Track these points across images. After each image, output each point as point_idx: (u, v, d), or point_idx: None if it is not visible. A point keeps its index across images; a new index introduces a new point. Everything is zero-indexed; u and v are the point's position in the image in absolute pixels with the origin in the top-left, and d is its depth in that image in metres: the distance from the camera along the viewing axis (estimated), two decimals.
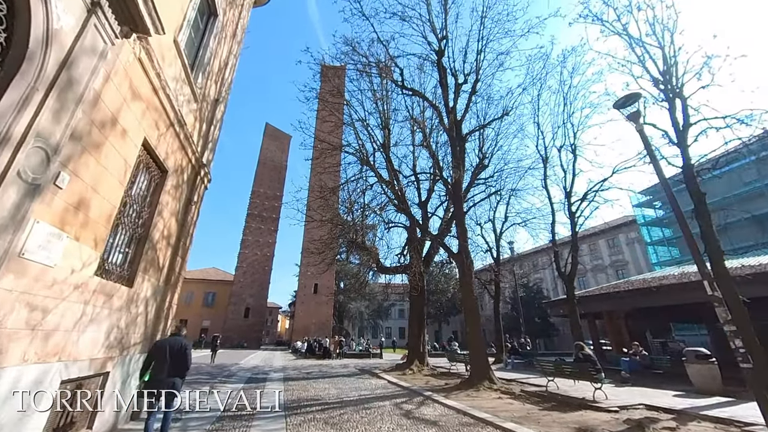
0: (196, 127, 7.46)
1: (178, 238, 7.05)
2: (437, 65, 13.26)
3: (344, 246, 20.47)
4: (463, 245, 10.93)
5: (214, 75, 8.41)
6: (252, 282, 48.17)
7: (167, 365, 4.49)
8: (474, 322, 10.16)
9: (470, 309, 10.23)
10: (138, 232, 5.60)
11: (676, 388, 8.83)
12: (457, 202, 11.55)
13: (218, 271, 54.17)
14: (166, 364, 4.49)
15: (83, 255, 3.98)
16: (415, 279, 14.48)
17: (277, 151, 57.04)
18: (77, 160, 3.69)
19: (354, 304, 47.23)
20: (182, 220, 7.20)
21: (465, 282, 10.49)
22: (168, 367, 4.49)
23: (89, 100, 3.76)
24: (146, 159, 5.54)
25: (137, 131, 4.93)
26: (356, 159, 15.61)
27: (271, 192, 53.92)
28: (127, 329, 5.39)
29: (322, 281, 42.56)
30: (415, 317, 14.85)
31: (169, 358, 4.52)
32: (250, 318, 46.70)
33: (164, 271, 6.59)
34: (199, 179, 7.81)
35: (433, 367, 13.90)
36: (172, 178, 6.45)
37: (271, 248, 51.44)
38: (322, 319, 41.01)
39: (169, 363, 4.50)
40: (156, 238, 6.08)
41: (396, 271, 16.44)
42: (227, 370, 14.44)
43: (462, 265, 10.53)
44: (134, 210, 5.44)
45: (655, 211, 31.75)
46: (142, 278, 5.72)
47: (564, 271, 13.93)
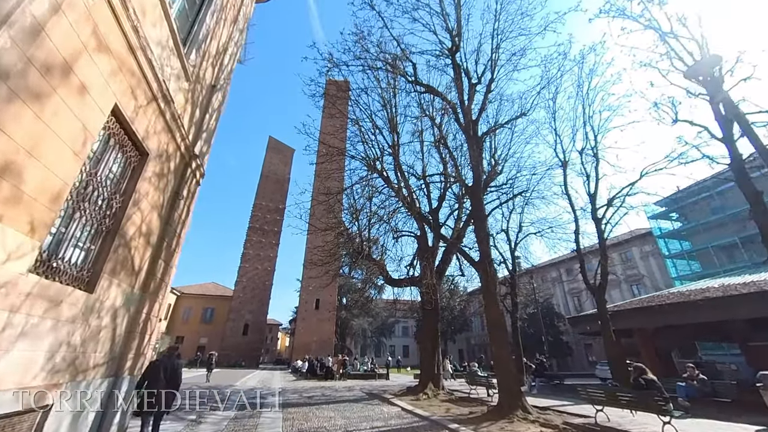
0: (187, 111, 6.49)
1: (161, 238, 5.95)
2: (452, 62, 12.47)
3: (349, 257, 19.21)
4: (485, 251, 9.75)
5: (211, 57, 7.53)
6: (252, 297, 46.57)
7: (160, 384, 4.92)
8: (500, 339, 8.85)
9: (496, 324, 8.94)
10: (105, 225, 4.51)
11: (752, 421, 7.39)
12: (477, 204, 10.44)
13: (218, 286, 52.67)
14: (159, 383, 4.93)
15: (8, 242, 2.89)
16: (427, 292, 13.19)
17: (280, 164, 56.57)
18: (1, 107, 2.66)
19: (357, 320, 45.42)
20: (167, 217, 6.11)
21: (489, 293, 9.25)
22: (161, 386, 4.91)
23: (25, 27, 2.77)
24: (119, 133, 4.51)
25: (104, 94, 3.92)
26: (362, 164, 14.61)
27: (273, 205, 53.06)
28: (84, 347, 4.21)
29: (324, 296, 41.01)
30: (428, 335, 13.47)
31: (162, 377, 4.97)
32: (249, 335, 44.86)
33: (141, 275, 5.46)
34: (189, 172, 6.79)
35: (450, 391, 12.43)
36: (155, 163, 5.42)
37: (272, 262, 50.10)
38: (324, 336, 39.22)
39: (162, 382, 4.93)
40: (130, 234, 4.98)
41: (406, 283, 15.16)
42: (220, 393, 13.01)
43: (485, 275, 9.31)
44: (101, 195, 4.37)
45: (672, 223, 30.49)
46: (109, 282, 4.59)
47: (594, 282, 12.63)
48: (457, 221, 16.22)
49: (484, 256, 9.73)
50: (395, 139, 14.48)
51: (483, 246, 9.80)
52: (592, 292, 12.75)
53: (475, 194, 10.52)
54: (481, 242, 9.82)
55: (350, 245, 16.36)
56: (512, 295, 17.05)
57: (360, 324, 45.04)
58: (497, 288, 9.56)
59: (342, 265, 47.21)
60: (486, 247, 9.78)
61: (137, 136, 4.78)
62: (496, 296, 9.32)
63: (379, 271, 16.04)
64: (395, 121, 14.90)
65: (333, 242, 17.02)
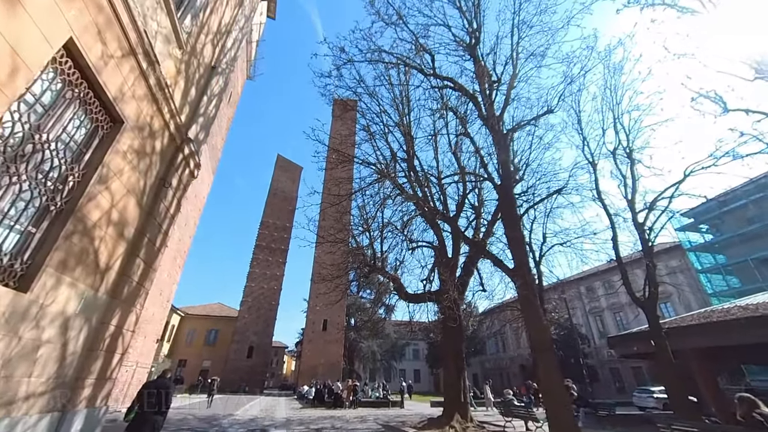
0: (179, 84, 5.53)
1: (140, 231, 4.82)
2: (471, 57, 11.61)
3: (360, 271, 17.81)
4: (520, 257, 8.39)
5: (211, 33, 6.68)
6: (257, 318, 44.89)
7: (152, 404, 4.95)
8: (549, 362, 7.34)
9: (542, 343, 7.45)
10: (56, 202, 3.41)
11: None
12: (508, 204, 9.19)
13: (223, 307, 51.21)
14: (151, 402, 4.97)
15: None
16: (450, 307, 11.73)
17: (288, 182, 56.30)
18: None
19: (366, 342, 43.19)
20: (150, 207, 5.01)
21: (530, 306, 7.82)
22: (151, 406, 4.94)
23: None
24: (79, 84, 3.48)
25: (53, 18, 2.91)
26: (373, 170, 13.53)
27: (280, 223, 52.30)
28: (12, 369, 3.01)
29: (332, 317, 39.26)
30: (452, 357, 11.87)
31: (155, 399, 5.01)
32: (253, 358, 42.87)
33: (109, 275, 4.29)
34: (181, 158, 5.75)
35: (480, 424, 10.70)
36: (133, 136, 4.37)
37: (278, 281, 48.71)
38: (332, 359, 37.13)
39: (153, 403, 4.97)
40: (94, 220, 3.87)
41: (424, 298, 13.70)
42: (217, 424, 11.47)
43: (524, 284, 7.91)
44: (50, 162, 3.30)
45: (702, 236, 28.54)
46: (56, 280, 3.42)
47: (644, 294, 11.05)
48: (476, 232, 14.88)
49: (520, 262, 8.36)
50: (409, 142, 13.47)
51: (518, 251, 8.45)
52: (640, 307, 11.15)
53: (506, 192, 9.29)
54: (516, 246, 8.48)
55: (361, 258, 15.03)
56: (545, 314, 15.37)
57: (369, 346, 42.76)
58: (537, 298, 8.11)
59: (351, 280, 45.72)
60: (522, 253, 8.43)
61: (107, 95, 3.76)
62: (539, 310, 7.88)
63: (394, 286, 14.58)
64: (409, 123, 13.94)
65: (342, 255, 15.73)
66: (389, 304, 45.33)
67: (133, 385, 14.29)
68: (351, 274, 27.87)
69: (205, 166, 19.79)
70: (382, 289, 48.05)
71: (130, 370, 13.94)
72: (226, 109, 22.74)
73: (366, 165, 13.65)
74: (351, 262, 16.13)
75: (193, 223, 19.94)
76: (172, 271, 17.51)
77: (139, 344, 14.74)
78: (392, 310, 41.89)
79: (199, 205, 20.56)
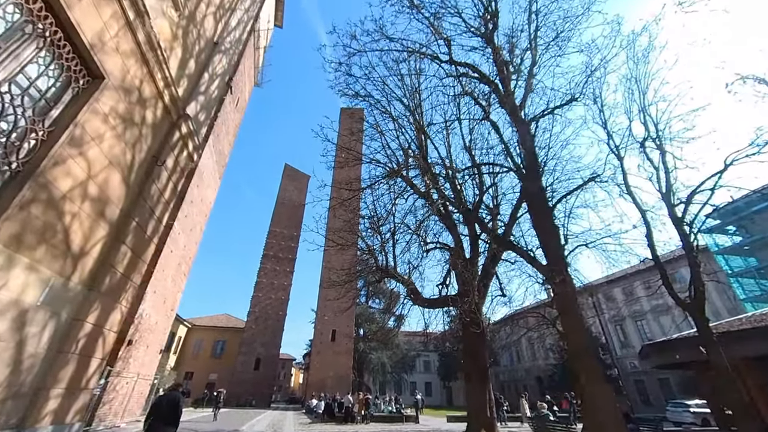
0: (175, 51, 4.90)
1: (126, 214, 4.11)
2: (489, 43, 10.96)
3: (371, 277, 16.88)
4: (554, 253, 7.49)
5: (213, 5, 6.11)
6: (264, 329, 43.93)
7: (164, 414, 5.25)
8: (593, 370, 6.36)
9: (583, 350, 6.49)
10: (10, 162, 2.71)
11: None
12: (538, 195, 8.35)
13: (230, 318, 50.40)
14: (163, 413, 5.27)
15: None
16: (472, 311, 10.78)
17: (295, 191, 56.04)
18: None
19: (375, 354, 41.83)
20: (139, 187, 4.31)
21: (569, 308, 6.88)
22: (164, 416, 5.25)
23: None
24: (42, 18, 2.81)
25: None
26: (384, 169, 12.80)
27: (288, 232, 51.81)
28: None
29: (341, 327, 38.16)
30: (475, 367, 10.83)
31: (166, 410, 5.28)
32: (260, 370, 41.77)
33: (85, 262, 3.54)
34: (178, 137, 5.07)
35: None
36: (116, 98, 3.70)
37: (286, 291, 47.87)
38: (341, 371, 35.86)
39: (165, 414, 5.27)
40: (64, 191, 3.16)
41: (442, 303, 12.76)
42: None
43: (563, 282, 6.98)
44: (3, 111, 2.61)
45: (730, 238, 27.01)
46: (7, 260, 2.69)
47: (690, 295, 9.94)
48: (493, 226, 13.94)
49: (555, 256, 7.45)
50: (420, 137, 12.75)
51: (552, 243, 7.55)
52: (686, 311, 10.03)
53: (533, 182, 8.45)
54: (549, 238, 7.58)
55: (372, 261, 14.14)
56: None
57: (379, 358, 41.36)
58: (576, 301, 7.16)
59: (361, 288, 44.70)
60: (557, 245, 7.53)
61: (82, 39, 3.10)
62: (578, 312, 6.93)
63: (408, 292, 13.63)
64: (420, 117, 13.21)
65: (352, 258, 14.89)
66: (399, 314, 44.16)
67: (133, 398, 13.47)
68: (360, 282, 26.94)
69: (211, 170, 19.34)
70: (393, 298, 46.94)
71: (130, 382, 13.13)
72: (233, 114, 22.44)
73: (376, 164, 12.92)
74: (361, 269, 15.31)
75: (199, 229, 19.38)
76: (176, 278, 16.84)
77: (141, 354, 13.97)
78: (403, 320, 40.67)
79: (206, 210, 20.04)
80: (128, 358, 12.75)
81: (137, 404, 14.41)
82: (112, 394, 11.94)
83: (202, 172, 18.03)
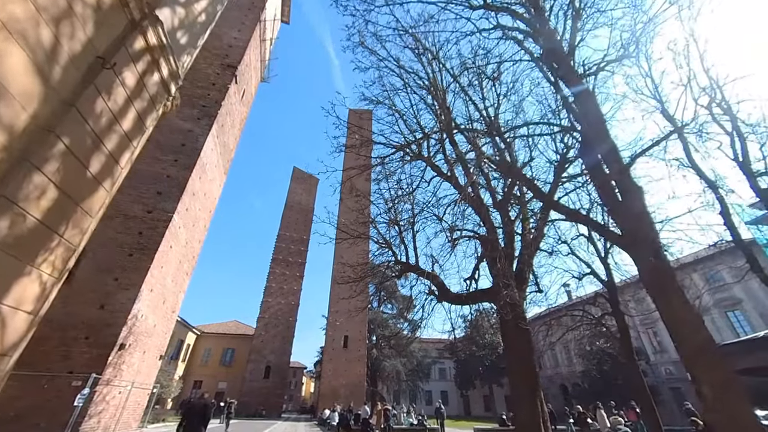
0: None
1: (44, 126, 2.67)
2: None
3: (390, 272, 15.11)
4: (639, 217, 5.77)
5: None
6: (274, 336, 42.53)
7: (195, 419, 6.82)
8: (720, 372, 4.58)
9: (704, 349, 4.71)
10: None
11: None
12: (608, 156, 6.64)
13: (239, 325, 49.21)
14: (195, 417, 6.84)
15: None
16: (515, 304, 9.07)
17: (304, 194, 55.14)
18: None
19: (390, 361, 39.83)
20: (69, 92, 2.88)
21: (668, 283, 5.15)
22: (195, 420, 6.81)
23: None
24: None
25: None
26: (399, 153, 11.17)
27: (297, 235, 50.72)
28: None
29: (353, 332, 36.43)
30: (521, 372, 9.03)
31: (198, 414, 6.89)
32: (270, 378, 40.23)
33: None
34: (144, 46, 3.65)
35: None
36: None
37: (296, 296, 46.53)
38: (354, 379, 34.01)
39: (196, 417, 6.82)
40: None
41: (475, 298, 11.03)
42: None
43: (656, 252, 5.27)
44: None
45: None
46: None
47: None
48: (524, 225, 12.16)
49: (637, 224, 5.74)
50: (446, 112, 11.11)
51: (636, 204, 5.83)
52: None
53: (601, 143, 6.76)
54: (633, 198, 5.87)
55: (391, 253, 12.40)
56: (618, 321, 12.33)
57: (393, 365, 39.33)
58: (675, 279, 5.40)
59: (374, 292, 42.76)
60: (640, 211, 5.81)
61: None
62: (683, 295, 5.16)
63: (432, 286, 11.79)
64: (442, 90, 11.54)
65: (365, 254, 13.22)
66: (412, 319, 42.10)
67: (128, 409, 11.99)
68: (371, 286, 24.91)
69: (215, 162, 18.07)
70: (407, 302, 44.92)
71: (124, 391, 11.64)
72: (239, 106, 21.31)
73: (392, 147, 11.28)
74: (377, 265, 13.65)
75: (203, 226, 18.10)
76: (177, 278, 15.46)
77: (136, 360, 12.53)
78: (419, 325, 38.64)
79: (210, 206, 18.76)
80: (120, 364, 11.27)
81: (133, 416, 12.89)
82: (101, 405, 10.42)
83: (205, 163, 16.75)
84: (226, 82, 18.65)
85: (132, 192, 13.12)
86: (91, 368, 9.73)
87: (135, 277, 11.57)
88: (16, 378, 9.18)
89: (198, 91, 17.04)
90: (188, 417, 6.55)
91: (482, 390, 52.64)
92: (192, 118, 16.00)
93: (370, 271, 13.84)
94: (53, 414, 9.00)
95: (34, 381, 9.22)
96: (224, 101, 17.77)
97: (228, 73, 18.66)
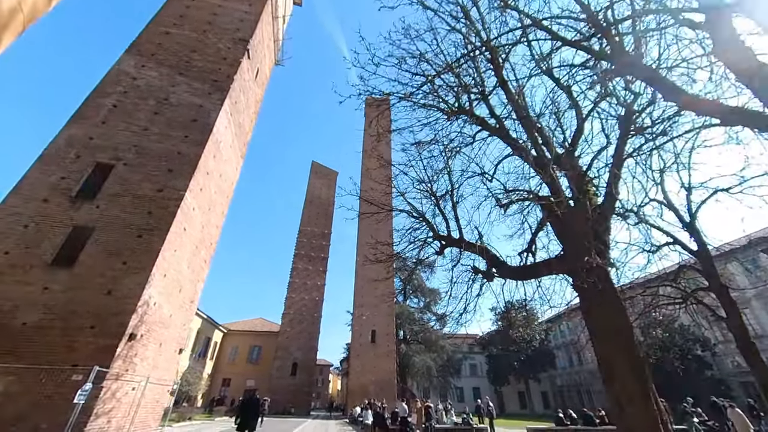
0: None
1: None
2: None
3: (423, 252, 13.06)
4: None
5: None
6: (300, 332, 41.68)
7: (250, 413, 8.55)
8: None
9: None
10: None
11: None
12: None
13: (264, 322, 48.82)
14: (249, 411, 8.56)
15: None
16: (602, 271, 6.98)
17: (324, 188, 54.13)
18: None
19: (419, 357, 37.93)
20: None
21: None
22: (250, 414, 8.55)
23: None
24: None
25: None
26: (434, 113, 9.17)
27: (318, 230, 49.76)
28: None
29: (381, 326, 34.84)
30: (624, 361, 6.93)
31: (252, 407, 8.62)
32: (297, 375, 39.38)
33: None
34: None
35: None
36: None
37: (320, 291, 45.53)
38: (384, 376, 32.38)
39: (251, 412, 8.55)
40: None
41: (538, 271, 8.93)
42: None
43: None
44: None
45: None
46: None
47: None
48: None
49: None
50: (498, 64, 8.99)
51: None
52: None
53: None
54: None
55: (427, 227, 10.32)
56: (721, 296, 9.86)
57: (423, 361, 37.38)
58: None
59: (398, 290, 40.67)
60: None
61: None
62: None
63: (485, 259, 9.63)
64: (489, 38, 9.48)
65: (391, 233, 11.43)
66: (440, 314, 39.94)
67: (145, 407, 10.73)
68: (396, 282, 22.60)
69: (230, 142, 16.78)
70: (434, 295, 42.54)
71: (137, 387, 10.33)
72: (253, 85, 20.01)
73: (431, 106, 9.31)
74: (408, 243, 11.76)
75: (221, 212, 16.90)
76: (194, 265, 14.20)
77: (151, 353, 11.26)
78: (445, 322, 36.43)
79: (227, 190, 17.54)
80: (132, 356, 9.94)
81: (152, 415, 11.65)
82: (111, 403, 9.07)
83: (219, 141, 15.40)
84: (237, 57, 17.26)
85: (141, 170, 11.94)
86: (97, 361, 8.42)
87: (145, 259, 10.29)
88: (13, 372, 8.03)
89: (208, 65, 15.78)
90: (243, 411, 8.15)
91: (517, 386, 49.92)
92: (203, 93, 14.74)
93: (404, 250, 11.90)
94: (53, 413, 7.76)
95: (33, 375, 8.05)
96: (236, 75, 16.39)
97: (240, 47, 17.32)
